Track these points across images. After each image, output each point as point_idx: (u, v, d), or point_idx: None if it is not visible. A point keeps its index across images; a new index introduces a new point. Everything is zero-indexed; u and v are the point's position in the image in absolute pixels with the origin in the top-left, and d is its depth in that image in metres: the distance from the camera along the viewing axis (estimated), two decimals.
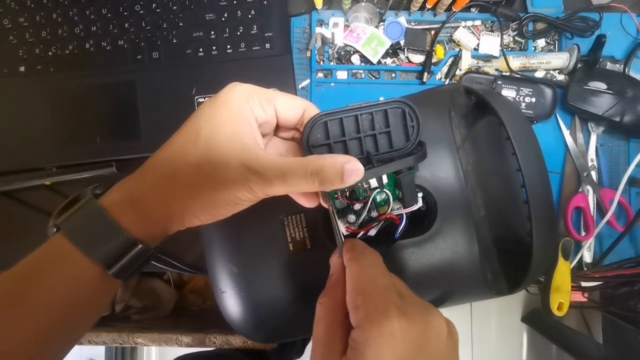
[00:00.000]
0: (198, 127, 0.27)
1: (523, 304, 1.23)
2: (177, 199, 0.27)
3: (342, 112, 0.29)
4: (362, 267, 0.28)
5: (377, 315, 0.24)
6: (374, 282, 0.27)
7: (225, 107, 0.27)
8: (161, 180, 0.27)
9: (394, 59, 0.55)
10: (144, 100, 0.54)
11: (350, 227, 0.36)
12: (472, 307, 1.25)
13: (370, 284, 0.27)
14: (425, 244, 0.39)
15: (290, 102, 0.30)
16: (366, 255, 0.29)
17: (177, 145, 0.28)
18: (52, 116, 0.54)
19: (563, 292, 0.52)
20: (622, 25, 0.54)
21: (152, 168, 0.28)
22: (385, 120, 0.31)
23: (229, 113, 0.27)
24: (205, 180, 0.26)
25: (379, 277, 0.27)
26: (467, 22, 0.55)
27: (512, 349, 1.24)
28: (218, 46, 0.54)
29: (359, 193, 0.35)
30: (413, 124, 0.31)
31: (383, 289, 0.26)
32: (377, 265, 0.29)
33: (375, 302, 0.25)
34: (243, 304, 0.39)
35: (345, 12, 0.54)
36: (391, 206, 0.35)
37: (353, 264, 0.28)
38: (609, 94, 0.50)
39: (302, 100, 0.31)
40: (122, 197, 0.28)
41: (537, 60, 0.53)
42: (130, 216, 0.27)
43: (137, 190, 0.28)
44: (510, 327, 1.24)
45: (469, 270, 0.39)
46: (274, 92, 0.30)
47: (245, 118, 0.27)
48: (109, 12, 0.55)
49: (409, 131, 0.31)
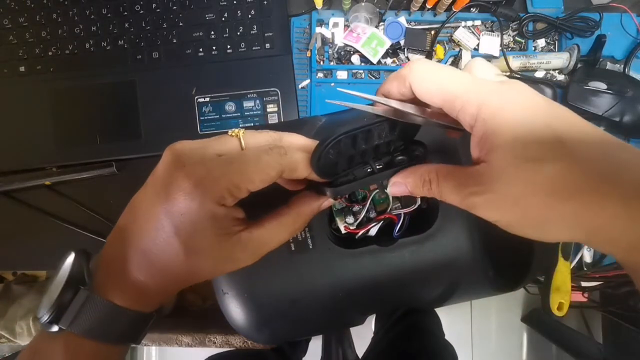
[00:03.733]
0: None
1: (523, 304, 1.23)
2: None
3: (345, 132, 0.25)
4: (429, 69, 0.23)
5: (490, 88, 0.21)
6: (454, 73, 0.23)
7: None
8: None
9: (394, 59, 0.55)
10: (144, 100, 0.54)
11: (349, 227, 0.36)
12: (472, 307, 1.25)
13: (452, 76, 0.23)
14: (427, 242, 0.39)
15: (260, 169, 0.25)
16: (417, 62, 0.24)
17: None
18: (52, 116, 0.54)
19: (563, 292, 0.52)
20: (622, 25, 0.54)
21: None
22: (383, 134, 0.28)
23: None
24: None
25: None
26: (467, 22, 0.55)
27: (512, 349, 1.24)
28: (218, 46, 0.54)
29: (358, 194, 0.35)
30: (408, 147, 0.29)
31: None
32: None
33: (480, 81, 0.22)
34: (245, 305, 0.39)
35: (345, 12, 0.54)
36: (390, 206, 0.35)
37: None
38: (609, 94, 0.50)
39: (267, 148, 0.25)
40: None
41: (537, 60, 0.53)
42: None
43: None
44: (510, 327, 1.24)
45: (471, 268, 0.39)
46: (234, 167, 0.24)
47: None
48: (109, 12, 0.55)
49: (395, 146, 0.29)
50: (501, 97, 0.21)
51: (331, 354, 0.76)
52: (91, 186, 0.55)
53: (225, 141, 0.25)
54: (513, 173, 0.20)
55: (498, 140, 0.20)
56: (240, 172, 0.24)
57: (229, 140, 0.26)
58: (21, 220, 0.55)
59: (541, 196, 0.20)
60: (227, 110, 0.53)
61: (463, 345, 1.24)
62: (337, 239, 0.40)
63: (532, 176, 0.20)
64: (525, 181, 0.20)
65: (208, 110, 0.53)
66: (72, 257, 0.25)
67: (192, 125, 0.53)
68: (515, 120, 0.20)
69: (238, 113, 0.53)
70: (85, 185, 0.55)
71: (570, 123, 0.21)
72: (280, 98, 0.53)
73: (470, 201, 0.22)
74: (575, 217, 0.20)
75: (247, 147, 0.26)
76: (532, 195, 0.20)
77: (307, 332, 0.51)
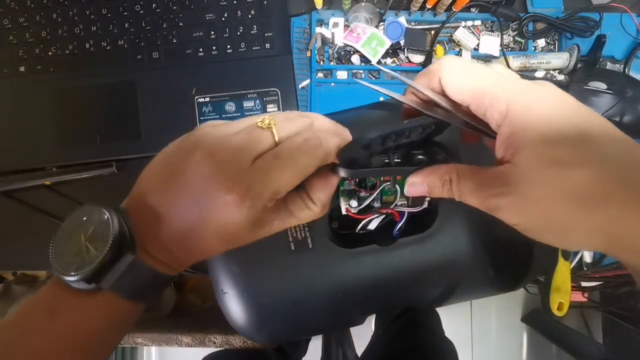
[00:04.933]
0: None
1: (523, 304, 1.23)
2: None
3: (382, 135, 0.26)
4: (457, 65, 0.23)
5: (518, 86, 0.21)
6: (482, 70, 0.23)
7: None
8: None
9: (394, 59, 0.55)
10: (144, 100, 0.54)
11: (350, 210, 0.36)
12: (472, 307, 1.25)
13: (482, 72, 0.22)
14: (427, 242, 0.39)
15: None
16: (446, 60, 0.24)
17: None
18: (52, 116, 0.54)
19: (563, 292, 0.52)
20: (622, 25, 0.54)
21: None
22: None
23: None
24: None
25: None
26: (467, 22, 0.55)
27: (512, 349, 1.24)
28: (218, 46, 0.54)
29: (369, 181, 0.35)
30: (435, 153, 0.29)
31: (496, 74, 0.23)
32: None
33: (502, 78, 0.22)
34: (245, 304, 0.39)
35: (345, 12, 0.54)
36: (396, 201, 0.35)
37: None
38: (609, 94, 0.50)
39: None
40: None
41: (537, 60, 0.53)
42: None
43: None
44: (510, 327, 1.24)
45: (471, 267, 0.39)
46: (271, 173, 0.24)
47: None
48: (109, 12, 0.55)
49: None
50: (531, 96, 0.21)
51: (331, 354, 0.76)
52: (91, 186, 0.54)
53: (259, 138, 0.24)
54: (539, 176, 0.20)
55: (525, 140, 0.20)
56: (280, 180, 0.24)
57: (262, 137, 0.25)
58: (21, 220, 0.55)
59: (567, 202, 0.19)
60: (227, 110, 0.53)
61: (463, 345, 1.24)
62: (337, 238, 0.40)
63: (559, 180, 0.19)
64: (552, 185, 0.19)
65: (208, 110, 0.53)
66: (115, 217, 0.24)
67: (192, 125, 0.53)
68: (544, 121, 0.20)
69: (238, 113, 0.53)
70: (85, 185, 0.54)
71: (600, 127, 0.20)
72: (280, 98, 0.53)
73: (491, 203, 0.22)
74: (601, 225, 0.19)
75: (281, 140, 0.25)
76: (558, 200, 0.19)
77: (307, 332, 0.51)
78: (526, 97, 0.20)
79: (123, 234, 0.24)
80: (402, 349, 0.52)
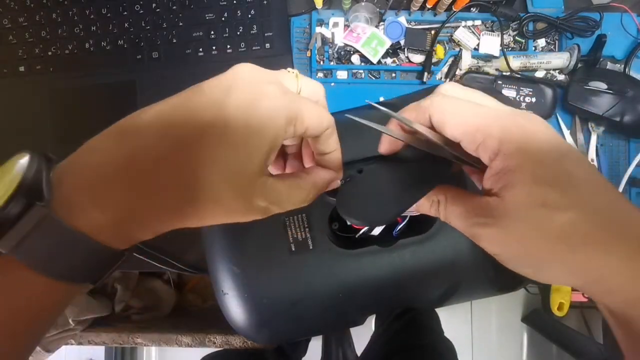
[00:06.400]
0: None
1: (523, 304, 1.23)
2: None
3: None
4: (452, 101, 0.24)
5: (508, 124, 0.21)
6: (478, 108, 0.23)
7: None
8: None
9: (394, 58, 0.55)
10: (144, 100, 0.54)
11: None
12: (472, 307, 1.25)
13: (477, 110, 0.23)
14: (427, 243, 0.39)
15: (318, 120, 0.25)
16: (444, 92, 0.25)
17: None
18: (52, 116, 0.54)
19: (563, 292, 0.52)
20: (623, 25, 0.54)
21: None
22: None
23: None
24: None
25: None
26: (467, 22, 0.55)
27: (512, 349, 1.24)
28: (218, 46, 0.54)
29: None
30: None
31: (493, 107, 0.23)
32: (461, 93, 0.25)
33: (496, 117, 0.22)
34: (245, 305, 0.39)
35: (345, 11, 0.54)
36: None
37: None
38: (609, 94, 0.50)
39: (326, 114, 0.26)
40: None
41: (538, 60, 0.53)
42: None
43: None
44: (510, 327, 1.24)
45: (471, 268, 0.39)
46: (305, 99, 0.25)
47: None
48: (109, 12, 0.55)
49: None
50: (522, 134, 0.21)
51: (331, 354, 0.76)
52: None
53: (288, 78, 0.26)
54: (526, 214, 0.20)
55: (517, 179, 0.21)
56: (303, 111, 0.24)
57: (290, 78, 0.26)
58: None
59: (548, 241, 0.20)
60: None
61: (463, 345, 1.24)
62: (337, 239, 0.40)
63: (546, 221, 0.20)
64: (538, 224, 0.20)
65: None
66: (27, 159, 0.20)
67: None
68: (537, 162, 0.21)
69: None
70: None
71: (586, 172, 0.21)
72: None
73: (475, 231, 0.23)
74: (578, 266, 0.20)
75: (302, 92, 0.26)
76: (539, 238, 0.20)
77: (307, 333, 0.51)
78: (518, 135, 0.21)
79: (33, 182, 0.19)
80: (402, 348, 0.52)
